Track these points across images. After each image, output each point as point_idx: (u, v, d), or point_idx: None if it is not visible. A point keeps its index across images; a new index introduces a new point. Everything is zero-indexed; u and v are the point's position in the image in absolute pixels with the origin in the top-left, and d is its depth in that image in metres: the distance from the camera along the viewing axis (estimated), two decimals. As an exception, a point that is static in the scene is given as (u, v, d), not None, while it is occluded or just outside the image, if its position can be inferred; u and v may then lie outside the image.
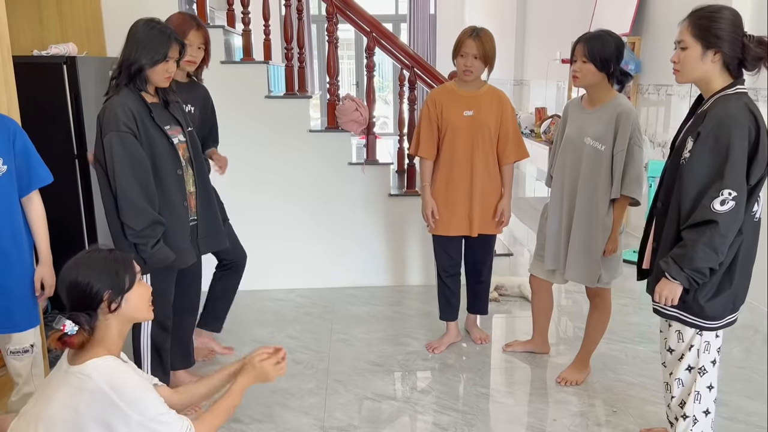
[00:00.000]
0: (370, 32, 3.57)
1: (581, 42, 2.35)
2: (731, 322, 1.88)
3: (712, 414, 1.92)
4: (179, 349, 2.47)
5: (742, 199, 1.69)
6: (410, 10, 10.66)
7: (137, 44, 2.04)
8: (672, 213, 1.82)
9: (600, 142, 2.36)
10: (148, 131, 2.06)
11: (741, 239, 1.75)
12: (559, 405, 2.48)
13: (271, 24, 3.65)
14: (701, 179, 1.73)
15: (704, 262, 1.72)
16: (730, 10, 1.75)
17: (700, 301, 1.80)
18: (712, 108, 1.75)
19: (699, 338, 1.87)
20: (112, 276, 1.47)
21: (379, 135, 9.62)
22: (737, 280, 1.80)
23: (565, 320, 3.34)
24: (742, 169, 1.68)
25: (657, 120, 4.56)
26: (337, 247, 3.72)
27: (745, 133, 1.68)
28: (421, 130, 2.78)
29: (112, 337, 1.51)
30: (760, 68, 1.75)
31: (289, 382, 2.66)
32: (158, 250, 2.06)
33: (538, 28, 7.51)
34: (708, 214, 1.69)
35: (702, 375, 1.88)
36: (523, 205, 5.61)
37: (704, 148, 1.72)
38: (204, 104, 2.66)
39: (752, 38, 1.73)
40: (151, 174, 2.05)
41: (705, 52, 1.75)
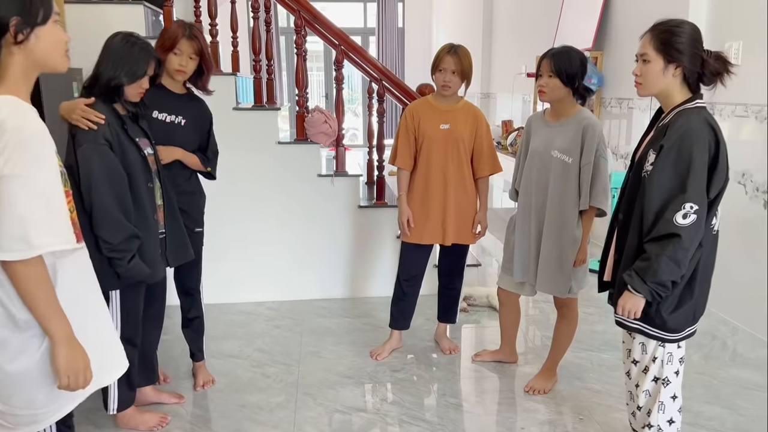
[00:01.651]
0: (339, 45, 3.60)
1: (548, 57, 2.40)
2: (692, 334, 1.91)
3: (677, 423, 1.95)
4: (143, 364, 2.42)
5: (703, 213, 1.72)
6: (378, 23, 10.76)
7: (116, 60, 2.03)
8: (634, 225, 1.84)
9: (567, 155, 2.41)
10: (122, 143, 2.04)
11: (701, 252, 1.78)
12: (527, 413, 2.51)
13: (240, 36, 3.64)
14: (663, 192, 1.75)
15: (667, 275, 1.73)
16: (690, 24, 1.80)
17: (663, 314, 1.82)
18: (674, 122, 1.78)
19: (662, 350, 1.89)
20: (23, 2, 1.29)
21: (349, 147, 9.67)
22: (697, 292, 1.83)
23: (533, 330, 3.39)
24: (703, 183, 1.71)
25: (619, 132, 4.68)
26: (307, 259, 3.71)
27: (705, 147, 1.71)
28: (399, 141, 2.83)
29: (15, 75, 1.33)
30: (717, 83, 1.80)
31: (258, 396, 2.64)
32: (134, 265, 2.03)
33: (504, 42, 7.65)
34: (671, 227, 1.71)
35: (665, 386, 1.91)
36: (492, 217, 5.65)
37: (666, 161, 1.74)
38: (199, 117, 2.52)
39: (710, 53, 1.78)
40: (127, 187, 2.03)
41: (667, 65, 1.78)
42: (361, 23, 11.13)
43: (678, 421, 1.95)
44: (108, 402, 2.23)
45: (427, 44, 10.59)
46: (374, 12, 10.78)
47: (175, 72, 2.38)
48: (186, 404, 2.57)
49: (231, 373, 2.84)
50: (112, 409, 2.24)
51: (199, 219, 2.62)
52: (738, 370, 2.85)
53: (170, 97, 2.42)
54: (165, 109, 2.41)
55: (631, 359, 1.98)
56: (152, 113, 2.35)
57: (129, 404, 2.28)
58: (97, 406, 2.41)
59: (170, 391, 2.62)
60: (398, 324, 3.02)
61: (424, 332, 3.28)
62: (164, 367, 2.76)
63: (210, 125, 2.59)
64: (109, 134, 2.00)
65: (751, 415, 2.48)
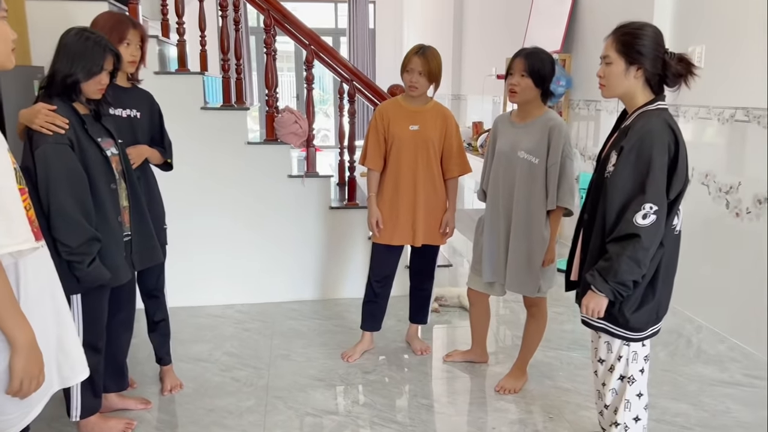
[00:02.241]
0: (309, 45, 3.57)
1: (521, 57, 2.40)
2: (656, 332, 1.94)
3: (643, 420, 1.98)
4: (113, 370, 2.36)
5: (663, 213, 1.74)
6: (350, 24, 10.74)
7: (71, 56, 1.97)
8: (597, 225, 1.87)
9: (534, 156, 2.43)
10: (82, 143, 1.99)
11: (662, 252, 1.81)
12: (498, 413, 2.52)
13: (208, 35, 3.59)
14: (624, 193, 1.77)
15: (628, 274, 1.76)
16: (652, 27, 1.82)
17: (626, 313, 1.84)
18: (635, 123, 1.82)
19: (627, 348, 1.92)
20: None
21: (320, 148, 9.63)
22: (660, 291, 1.85)
23: (504, 329, 3.41)
24: (663, 184, 1.74)
25: (587, 134, 4.75)
26: (277, 260, 3.67)
27: (665, 149, 1.74)
28: (369, 142, 2.82)
29: None
30: (681, 85, 1.82)
31: (227, 399, 2.60)
32: (94, 269, 1.97)
33: (474, 44, 7.70)
34: (630, 227, 1.74)
35: (631, 384, 1.94)
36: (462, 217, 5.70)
37: (627, 162, 1.77)
38: (150, 109, 2.50)
39: (673, 55, 1.80)
40: (88, 188, 1.97)
41: (628, 67, 1.81)
42: (332, 24, 11.10)
43: (644, 419, 1.98)
44: (71, 409, 2.17)
45: (398, 45, 10.62)
46: (345, 13, 10.76)
47: (128, 64, 2.34)
48: (152, 410, 2.51)
49: (199, 377, 2.80)
50: (74, 416, 2.18)
51: (164, 214, 2.57)
52: (702, 367, 2.91)
53: (120, 92, 2.37)
54: (119, 104, 2.36)
55: (598, 358, 2.01)
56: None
57: (93, 411, 2.22)
58: (60, 413, 2.35)
59: (136, 397, 2.56)
60: (369, 325, 3.01)
61: (395, 333, 3.27)
62: (130, 372, 2.70)
63: (160, 116, 2.55)
64: (70, 134, 1.94)
65: (714, 410, 2.53)
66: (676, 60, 1.79)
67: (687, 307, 3.52)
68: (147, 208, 2.30)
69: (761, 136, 2.99)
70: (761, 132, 2.99)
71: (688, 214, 3.45)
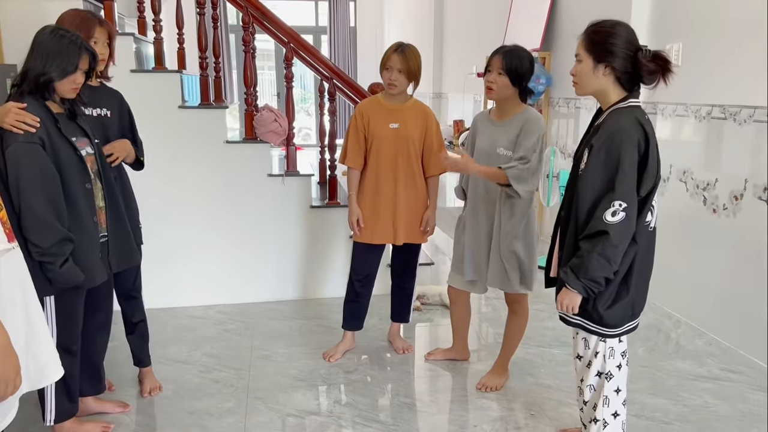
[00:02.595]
0: (288, 43, 3.54)
1: (499, 54, 2.40)
2: (632, 329, 1.95)
3: (622, 416, 1.99)
4: (89, 373, 2.32)
5: (633, 210, 1.75)
6: (330, 22, 10.70)
7: (45, 54, 1.93)
8: (572, 223, 1.88)
9: (512, 152, 2.43)
10: (54, 143, 1.95)
11: (636, 248, 1.82)
12: (479, 411, 2.53)
13: (187, 33, 3.54)
14: (594, 190, 1.79)
15: (599, 271, 1.77)
16: (623, 26, 1.82)
17: (599, 309, 1.85)
18: (605, 121, 1.83)
19: (603, 345, 1.93)
20: None
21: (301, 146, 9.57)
22: (634, 288, 1.86)
23: (486, 327, 3.42)
24: (632, 181, 1.75)
25: (567, 132, 4.78)
26: (258, 260, 3.64)
27: (634, 146, 1.74)
28: (349, 141, 2.80)
29: None
30: (658, 82, 1.82)
31: (207, 401, 2.57)
32: (66, 269, 1.93)
33: (455, 42, 7.72)
34: (600, 225, 1.75)
35: (609, 380, 1.95)
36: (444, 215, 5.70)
37: (597, 160, 1.78)
38: (120, 108, 2.46)
39: (647, 53, 1.79)
40: (60, 188, 1.93)
41: (596, 65, 1.82)
42: (312, 22, 11.05)
43: (623, 414, 1.99)
44: (45, 413, 2.13)
45: (379, 43, 10.60)
46: (326, 11, 10.72)
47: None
48: (131, 413, 2.48)
49: (179, 378, 2.76)
50: (49, 421, 2.14)
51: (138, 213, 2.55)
52: (681, 362, 2.94)
53: (90, 90, 2.32)
54: (90, 103, 2.31)
55: (576, 355, 2.02)
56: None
57: (69, 415, 2.18)
58: (35, 417, 2.30)
59: (114, 400, 2.52)
60: (351, 325, 3.00)
61: (377, 332, 3.26)
62: (108, 375, 2.65)
63: (130, 114, 2.51)
64: (42, 133, 1.90)
65: (692, 405, 2.56)
66: (650, 57, 1.79)
67: (666, 303, 3.56)
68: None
69: (737, 133, 3.03)
70: (737, 129, 3.03)
71: (666, 211, 3.50)
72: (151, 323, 2.69)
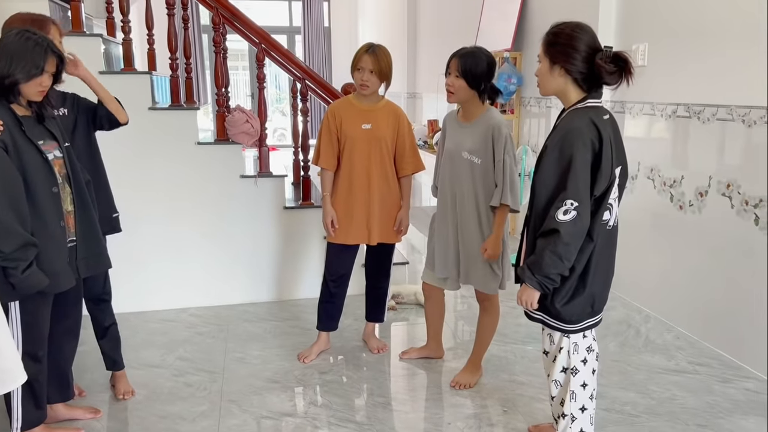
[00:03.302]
0: (259, 43, 3.53)
1: (456, 57, 2.45)
2: (593, 324, 1.98)
3: (590, 410, 2.01)
4: (57, 380, 2.28)
5: (584, 209, 1.78)
6: (304, 22, 10.67)
7: (10, 56, 1.90)
8: (532, 221, 1.93)
9: (476, 156, 2.46)
10: (18, 146, 1.92)
11: (592, 246, 1.84)
12: (453, 408, 2.55)
13: (157, 33, 3.50)
14: (549, 189, 1.83)
15: (552, 268, 1.81)
16: (582, 28, 1.84)
17: (556, 305, 1.89)
18: (561, 122, 1.87)
19: (567, 340, 1.96)
20: None
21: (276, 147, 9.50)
22: (592, 284, 1.89)
23: (461, 324, 3.45)
24: (584, 181, 1.78)
25: (538, 131, 4.83)
26: (231, 262, 3.62)
27: (587, 146, 1.77)
28: (321, 141, 2.80)
29: None
30: (621, 82, 1.83)
31: (180, 405, 2.55)
32: (30, 275, 1.90)
33: (428, 42, 7.75)
34: (552, 223, 1.79)
35: (574, 375, 1.97)
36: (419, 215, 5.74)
37: (550, 159, 1.82)
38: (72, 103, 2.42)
39: (607, 54, 1.80)
40: (23, 192, 1.90)
41: (552, 67, 1.86)
42: (286, 22, 11.01)
43: (590, 408, 2.02)
44: (12, 421, 2.09)
45: (353, 43, 10.58)
46: (300, 11, 10.68)
47: None
48: (102, 418, 2.45)
49: (151, 383, 2.73)
50: (16, 429, 2.09)
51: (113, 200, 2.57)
52: (650, 356, 3.00)
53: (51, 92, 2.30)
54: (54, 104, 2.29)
55: (543, 350, 2.05)
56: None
57: (36, 423, 2.14)
58: (3, 426, 2.26)
59: (85, 406, 2.48)
60: (326, 325, 3.00)
61: (352, 332, 3.26)
62: (78, 380, 2.62)
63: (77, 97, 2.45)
64: (5, 136, 1.87)
65: (660, 397, 2.61)
66: (608, 58, 1.80)
67: (636, 298, 3.62)
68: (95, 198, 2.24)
69: (702, 132, 3.10)
70: (701, 127, 3.10)
71: (635, 208, 3.56)
72: (123, 327, 2.66)
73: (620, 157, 1.89)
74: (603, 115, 1.84)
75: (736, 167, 2.90)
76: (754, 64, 2.77)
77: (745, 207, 2.84)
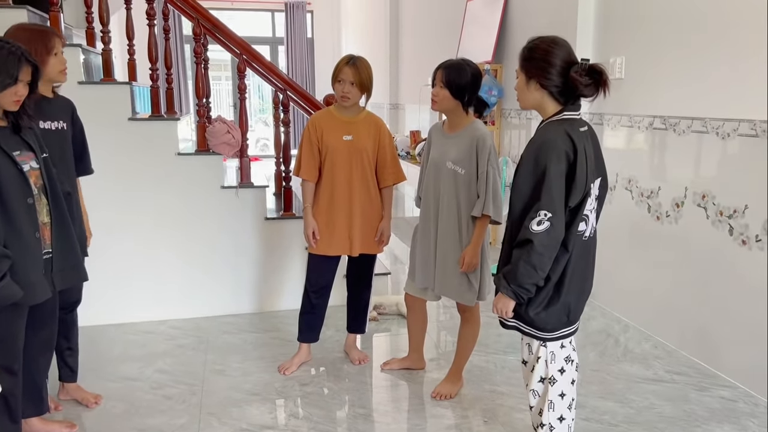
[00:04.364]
0: (241, 54, 3.53)
1: (441, 68, 2.48)
2: (569, 334, 1.99)
3: (568, 420, 2.02)
4: (31, 394, 2.24)
5: (558, 220, 1.79)
6: (287, 33, 10.69)
7: None
8: (507, 231, 1.95)
9: (460, 166, 2.48)
10: None
11: (567, 256, 1.86)
12: (434, 419, 2.55)
13: (138, 44, 3.49)
14: (523, 200, 1.85)
15: (526, 278, 1.82)
16: (557, 43, 1.85)
17: (530, 313, 1.90)
18: (536, 134, 1.90)
19: (544, 349, 1.97)
20: None
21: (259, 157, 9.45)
22: (566, 294, 1.90)
23: (444, 335, 3.45)
24: (558, 192, 1.79)
25: (519, 142, 4.88)
26: (212, 274, 3.59)
27: (562, 157, 1.79)
28: (303, 153, 2.80)
29: None
30: (597, 94, 1.84)
31: (159, 418, 2.52)
32: (3, 287, 1.87)
33: (411, 54, 7.80)
34: (527, 233, 1.80)
35: (552, 384, 1.98)
36: (402, 225, 5.76)
37: (525, 170, 1.84)
38: (72, 118, 2.44)
39: (582, 66, 1.82)
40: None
41: (528, 81, 1.89)
42: (270, 32, 11.02)
43: (569, 418, 2.03)
44: (-14, 437, 2.05)
45: (336, 54, 10.63)
46: (283, 22, 10.70)
47: (60, 73, 2.32)
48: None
49: (129, 396, 2.70)
50: (-10, 444, 2.06)
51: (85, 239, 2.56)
52: (629, 365, 3.03)
53: (47, 103, 2.31)
54: (49, 116, 2.30)
55: (521, 360, 2.06)
56: (38, 124, 2.22)
57: (11, 438, 2.10)
58: (-26, 442, 2.22)
59: (61, 420, 2.45)
60: (307, 337, 2.99)
61: (334, 343, 3.25)
62: (52, 393, 2.58)
63: (80, 125, 2.50)
64: None
65: (639, 406, 2.64)
66: (585, 71, 1.82)
67: (615, 308, 3.66)
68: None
69: (678, 143, 3.16)
70: (677, 139, 3.16)
71: (613, 218, 3.61)
72: (100, 340, 2.64)
73: (599, 169, 1.92)
74: (580, 127, 1.87)
75: (711, 178, 2.95)
76: (729, 77, 2.84)
77: (719, 218, 2.89)
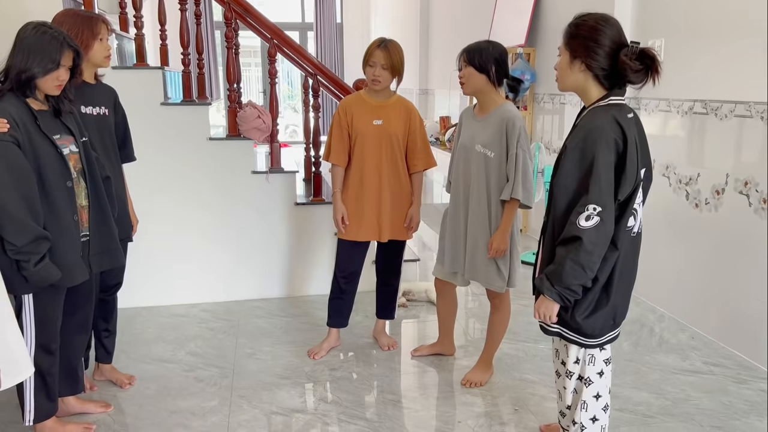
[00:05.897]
0: (271, 39, 3.52)
1: (462, 52, 2.49)
2: (613, 338, 1.88)
3: (601, 421, 1.94)
4: (67, 373, 2.29)
5: (608, 215, 1.65)
6: (316, 18, 10.66)
7: (27, 51, 1.91)
8: (549, 227, 1.82)
9: (489, 149, 2.44)
10: (32, 140, 1.93)
11: (617, 254, 1.71)
12: (464, 407, 2.53)
13: (170, 29, 3.51)
14: (569, 194, 1.70)
15: (573, 278, 1.68)
16: (607, 21, 1.71)
17: (577, 318, 1.76)
18: (581, 120, 1.76)
19: (583, 351, 1.87)
20: None
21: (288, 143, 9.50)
22: (615, 296, 1.76)
23: (473, 322, 3.42)
24: (608, 184, 1.64)
25: (552, 128, 4.79)
26: (242, 258, 3.62)
27: (611, 147, 1.64)
28: (332, 138, 2.78)
29: None
30: (645, 82, 1.71)
31: (190, 401, 2.55)
32: (42, 268, 1.91)
33: (441, 39, 7.71)
34: (573, 230, 1.65)
35: (588, 386, 1.88)
36: (431, 212, 5.72)
37: (571, 161, 1.70)
38: (115, 105, 2.46)
39: (633, 50, 1.67)
40: (35, 186, 1.91)
41: (573, 61, 1.74)
42: (299, 18, 11.00)
43: (602, 419, 1.94)
44: (24, 413, 2.10)
45: (365, 39, 10.57)
46: (312, 7, 10.67)
47: (104, 59, 2.33)
48: (113, 412, 2.45)
49: (162, 378, 2.74)
50: (28, 421, 2.11)
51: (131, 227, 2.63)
52: (664, 356, 2.96)
53: (89, 89, 2.33)
54: (90, 101, 2.32)
55: (560, 360, 1.99)
56: (80, 108, 2.25)
57: (48, 415, 2.15)
58: (14, 418, 2.29)
59: (96, 400, 2.50)
60: (336, 322, 2.99)
61: (363, 329, 3.25)
62: (88, 374, 2.64)
63: (123, 111, 2.52)
64: (15, 130, 1.87)
65: (675, 398, 2.58)
66: (636, 55, 1.67)
67: (650, 297, 3.58)
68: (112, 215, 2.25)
69: (719, 128, 3.05)
70: (719, 124, 3.05)
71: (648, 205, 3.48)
72: (134, 322, 2.68)
73: (645, 158, 1.77)
74: (627, 113, 1.72)
75: (754, 165, 2.85)
76: (773, 59, 2.72)
77: (763, 205, 2.79)
